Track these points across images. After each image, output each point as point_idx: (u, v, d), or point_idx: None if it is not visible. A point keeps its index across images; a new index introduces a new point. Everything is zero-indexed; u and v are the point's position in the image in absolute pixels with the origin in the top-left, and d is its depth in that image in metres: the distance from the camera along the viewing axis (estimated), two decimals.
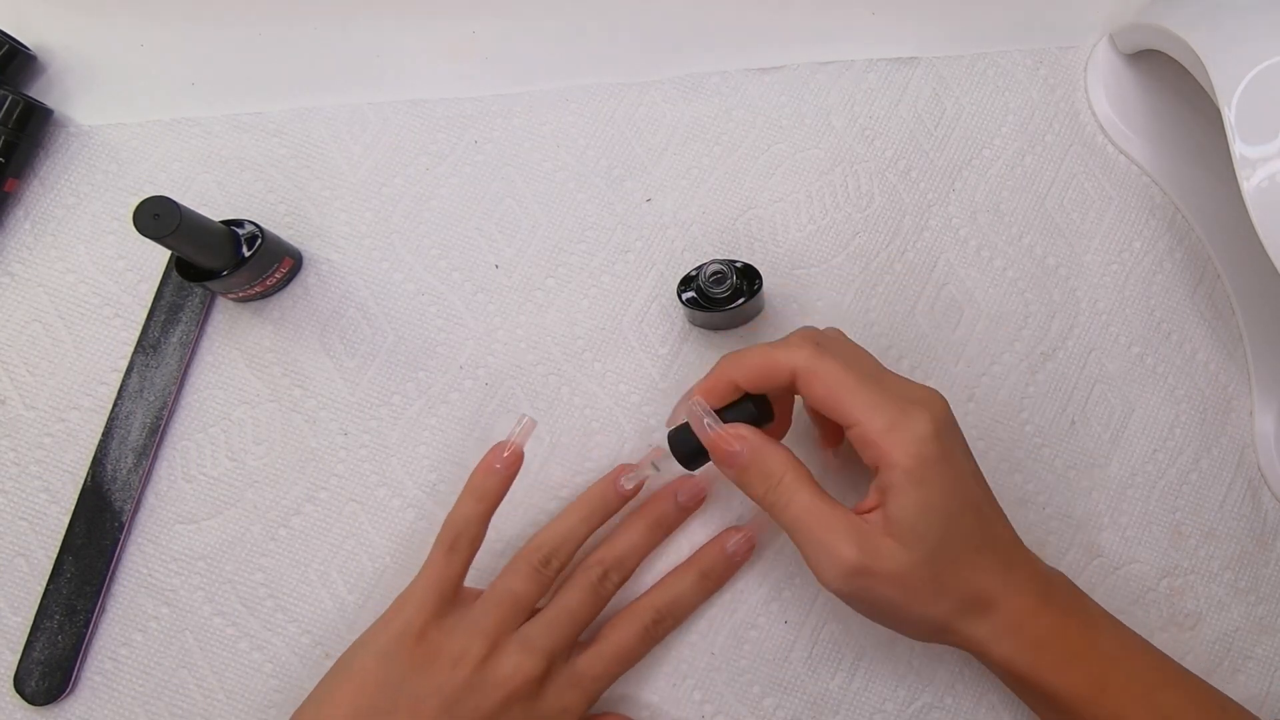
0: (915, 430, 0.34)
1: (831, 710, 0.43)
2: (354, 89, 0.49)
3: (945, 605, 0.35)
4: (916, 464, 0.34)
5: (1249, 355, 0.47)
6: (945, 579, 0.35)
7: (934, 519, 0.34)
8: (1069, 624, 0.36)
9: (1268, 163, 0.38)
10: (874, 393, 0.35)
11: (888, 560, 0.34)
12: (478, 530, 0.39)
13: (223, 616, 0.43)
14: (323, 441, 0.45)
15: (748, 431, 0.37)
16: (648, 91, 0.49)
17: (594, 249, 0.47)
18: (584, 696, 0.39)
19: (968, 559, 0.35)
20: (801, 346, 0.36)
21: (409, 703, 0.37)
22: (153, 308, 0.45)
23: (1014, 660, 0.36)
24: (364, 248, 0.47)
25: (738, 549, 0.43)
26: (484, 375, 0.46)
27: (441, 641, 0.38)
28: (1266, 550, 0.45)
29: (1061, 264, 0.48)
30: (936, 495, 0.34)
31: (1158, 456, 0.46)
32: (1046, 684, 0.36)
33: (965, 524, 0.35)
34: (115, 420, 0.44)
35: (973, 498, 0.36)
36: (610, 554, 0.41)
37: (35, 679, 0.42)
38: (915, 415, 0.34)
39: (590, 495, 0.42)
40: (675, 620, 0.42)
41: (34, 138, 0.46)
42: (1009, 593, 0.36)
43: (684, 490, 0.43)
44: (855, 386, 0.35)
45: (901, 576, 0.34)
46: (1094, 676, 0.36)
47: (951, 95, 0.49)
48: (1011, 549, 0.37)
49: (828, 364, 0.35)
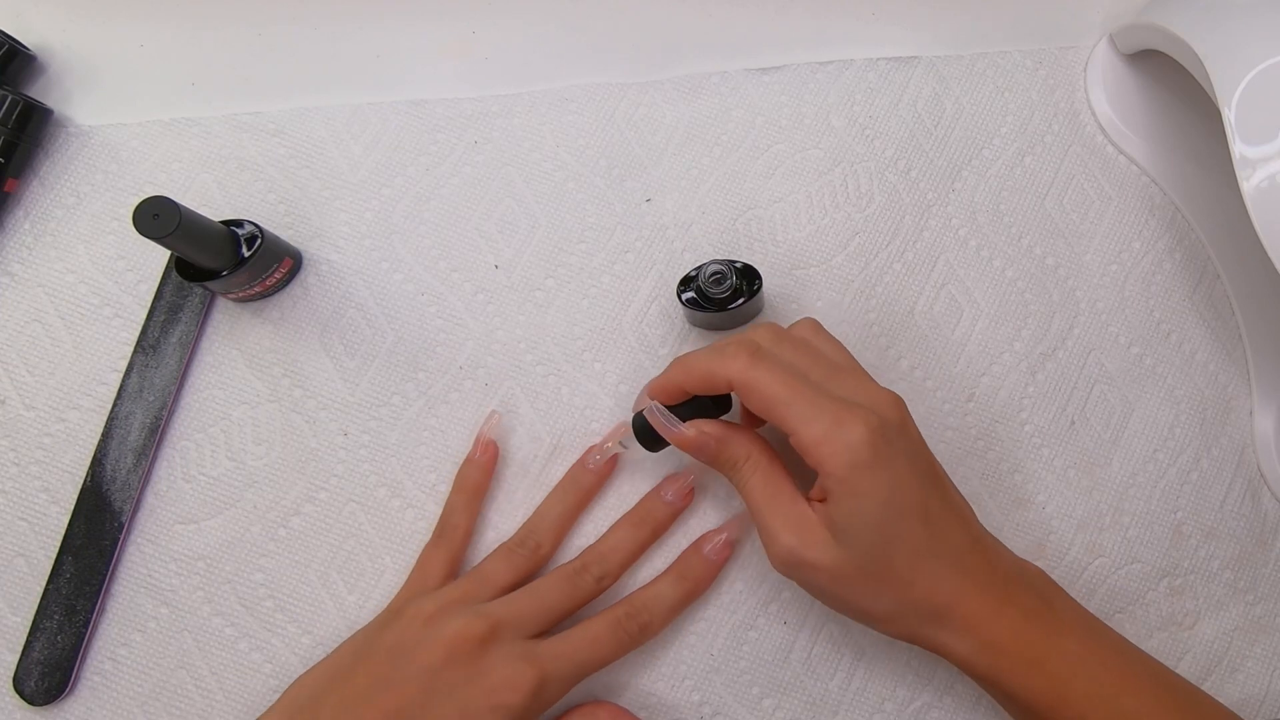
0: (847, 439, 0.34)
1: (831, 710, 0.43)
2: (354, 89, 0.49)
3: (886, 603, 0.36)
4: (848, 472, 0.35)
5: (1249, 355, 0.47)
6: (883, 579, 0.36)
7: (868, 525, 0.35)
8: (1030, 627, 0.36)
9: (1268, 163, 0.38)
10: (808, 403, 0.35)
11: (821, 553, 0.35)
12: (461, 519, 0.42)
13: (222, 617, 0.43)
14: (322, 442, 0.45)
15: (707, 425, 0.38)
16: (648, 91, 0.49)
17: (594, 249, 0.47)
18: (534, 671, 0.38)
19: (909, 563, 0.35)
20: (737, 357, 0.36)
21: (368, 657, 0.39)
22: (152, 308, 0.45)
23: (973, 663, 0.36)
24: (364, 248, 0.47)
25: (715, 551, 0.43)
26: (484, 375, 0.46)
27: (409, 610, 0.40)
28: (1266, 550, 0.46)
29: (1061, 264, 0.48)
30: (869, 503, 0.35)
31: (1158, 456, 0.46)
32: (1007, 687, 0.36)
33: (905, 530, 0.35)
34: (115, 420, 0.44)
35: (914, 504, 0.36)
36: (592, 550, 0.42)
37: (35, 679, 0.42)
38: (849, 423, 0.35)
39: (564, 478, 0.44)
40: (650, 618, 0.41)
41: (34, 138, 0.46)
42: (962, 596, 0.36)
43: (672, 489, 0.43)
44: (789, 398, 0.35)
45: (834, 570, 0.35)
46: (1056, 681, 0.35)
47: (951, 95, 0.49)
48: (966, 552, 0.37)
49: (761, 375, 0.36)
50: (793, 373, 0.36)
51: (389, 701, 0.37)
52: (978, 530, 0.38)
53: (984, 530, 0.38)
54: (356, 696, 0.38)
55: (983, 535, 0.38)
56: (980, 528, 0.38)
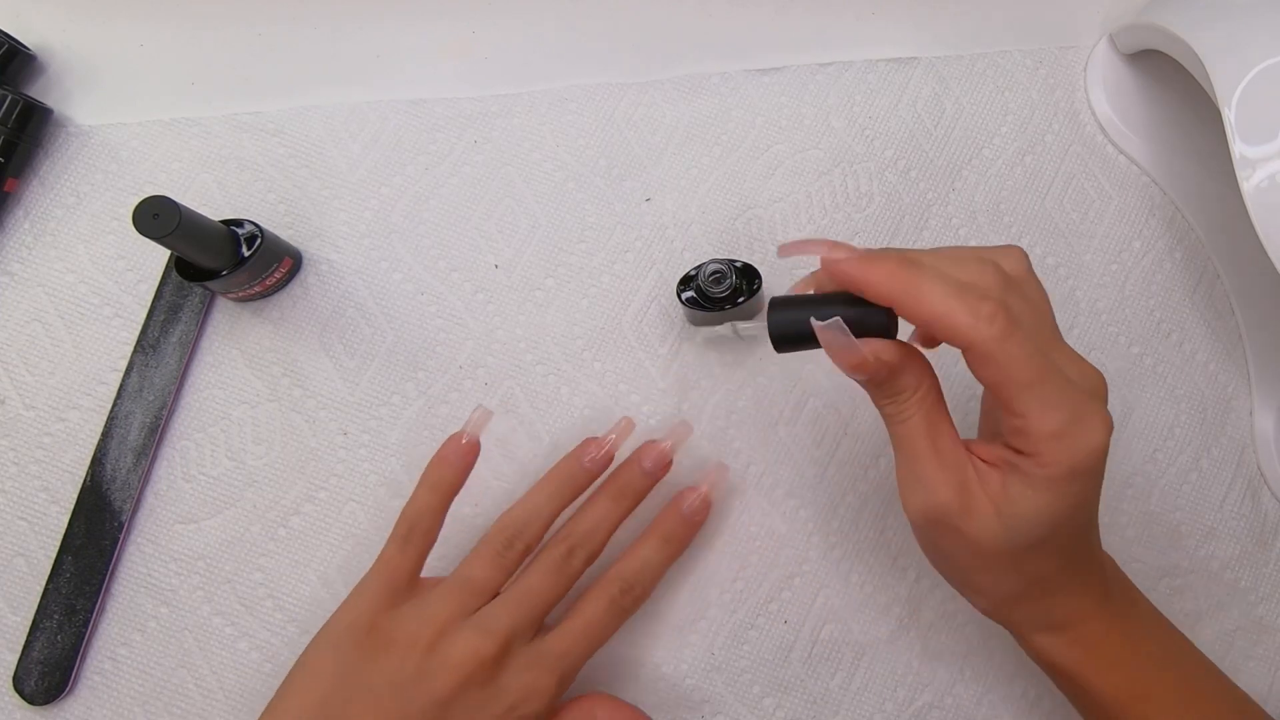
0: (1087, 443, 0.30)
1: (831, 710, 0.43)
2: (353, 88, 0.49)
3: (1008, 588, 0.34)
4: (1068, 474, 0.30)
5: (1248, 355, 0.47)
6: (1022, 569, 0.33)
7: (1048, 524, 0.31)
8: (1119, 628, 0.35)
9: (1268, 163, 0.38)
10: (1051, 388, 0.30)
11: (979, 526, 0.32)
12: (432, 522, 0.39)
13: (222, 616, 0.43)
14: (322, 441, 0.45)
15: (884, 350, 0.32)
16: (647, 91, 0.49)
17: (593, 249, 0.47)
18: (552, 676, 0.37)
19: (1052, 562, 0.33)
20: (993, 321, 0.29)
21: (364, 694, 0.36)
22: (152, 307, 0.45)
23: (1061, 659, 0.35)
24: (363, 248, 0.47)
25: (694, 509, 0.42)
26: (484, 375, 0.46)
27: (393, 631, 0.37)
28: (1266, 550, 0.45)
29: (1061, 264, 0.48)
30: (1064, 509, 0.31)
31: (1157, 456, 0.46)
32: (1088, 685, 0.35)
33: (1071, 537, 0.33)
34: (115, 420, 0.44)
35: (1092, 517, 0.34)
36: (575, 530, 0.40)
37: (34, 678, 0.42)
38: (1091, 424, 0.30)
39: (557, 471, 0.41)
40: (643, 588, 0.40)
41: (34, 137, 0.46)
42: (1073, 593, 0.35)
43: (648, 456, 0.41)
44: (1033, 380, 0.30)
45: (979, 547, 0.32)
46: (1136, 682, 0.35)
47: (951, 95, 0.49)
48: (1092, 556, 0.35)
49: (1013, 350, 0.29)
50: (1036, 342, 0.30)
51: None
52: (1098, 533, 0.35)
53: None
54: None
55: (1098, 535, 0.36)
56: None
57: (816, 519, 0.45)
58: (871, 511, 0.45)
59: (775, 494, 0.45)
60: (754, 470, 0.45)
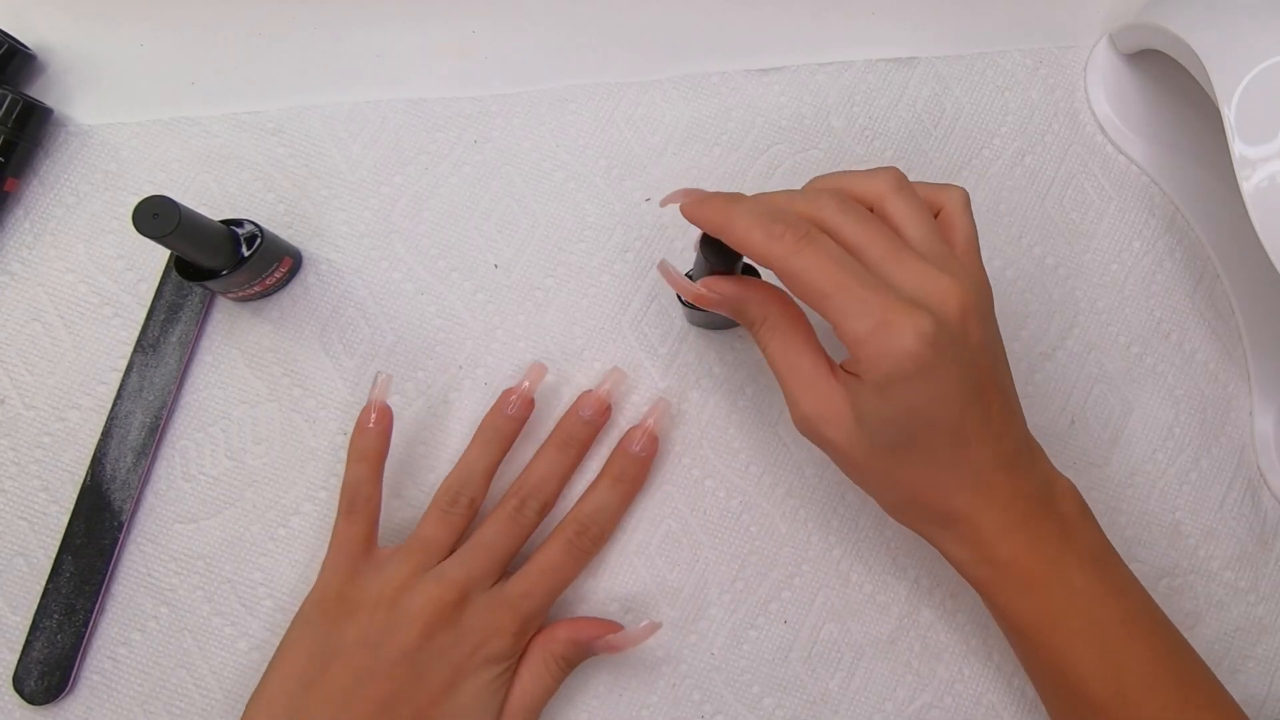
0: (891, 345, 0.31)
1: (831, 710, 0.43)
2: (353, 88, 0.49)
3: (893, 496, 0.36)
4: (887, 380, 0.31)
5: (1248, 355, 0.47)
6: (896, 476, 0.35)
7: (895, 428, 0.33)
8: (1035, 552, 0.35)
9: (1268, 163, 0.38)
10: (851, 296, 0.31)
11: (839, 432, 0.34)
12: (370, 490, 0.41)
13: (222, 616, 0.43)
14: (322, 441, 0.45)
15: (721, 284, 0.36)
16: (647, 91, 0.49)
17: (593, 249, 0.47)
18: (513, 614, 0.39)
19: (924, 472, 0.34)
20: (783, 239, 0.32)
21: (337, 656, 0.38)
22: (152, 307, 0.45)
23: (970, 572, 0.36)
24: (363, 247, 0.47)
25: (643, 446, 0.43)
26: (483, 375, 0.46)
27: (358, 596, 0.39)
28: (1266, 550, 0.45)
29: (1061, 264, 0.48)
30: (899, 410, 0.32)
31: (1157, 456, 0.46)
32: (998, 603, 0.36)
33: (928, 443, 0.33)
34: (114, 420, 0.44)
35: (947, 421, 0.33)
36: (526, 482, 0.42)
37: (34, 678, 0.42)
38: (897, 327, 0.31)
39: (483, 427, 0.43)
40: (600, 528, 0.42)
41: (34, 137, 0.46)
42: (972, 511, 0.34)
43: (587, 406, 0.43)
44: (830, 289, 0.31)
45: (849, 452, 0.34)
46: (1049, 609, 0.35)
47: (951, 95, 0.49)
48: (989, 471, 0.34)
49: (803, 263, 0.32)
50: (841, 258, 0.32)
51: (378, 691, 0.37)
52: (1012, 447, 0.35)
53: (1023, 444, 0.35)
54: (341, 695, 0.37)
55: (1018, 452, 0.35)
56: (1018, 441, 0.35)
57: (816, 519, 0.45)
58: (871, 511, 0.45)
59: (775, 494, 0.45)
60: (754, 470, 0.45)
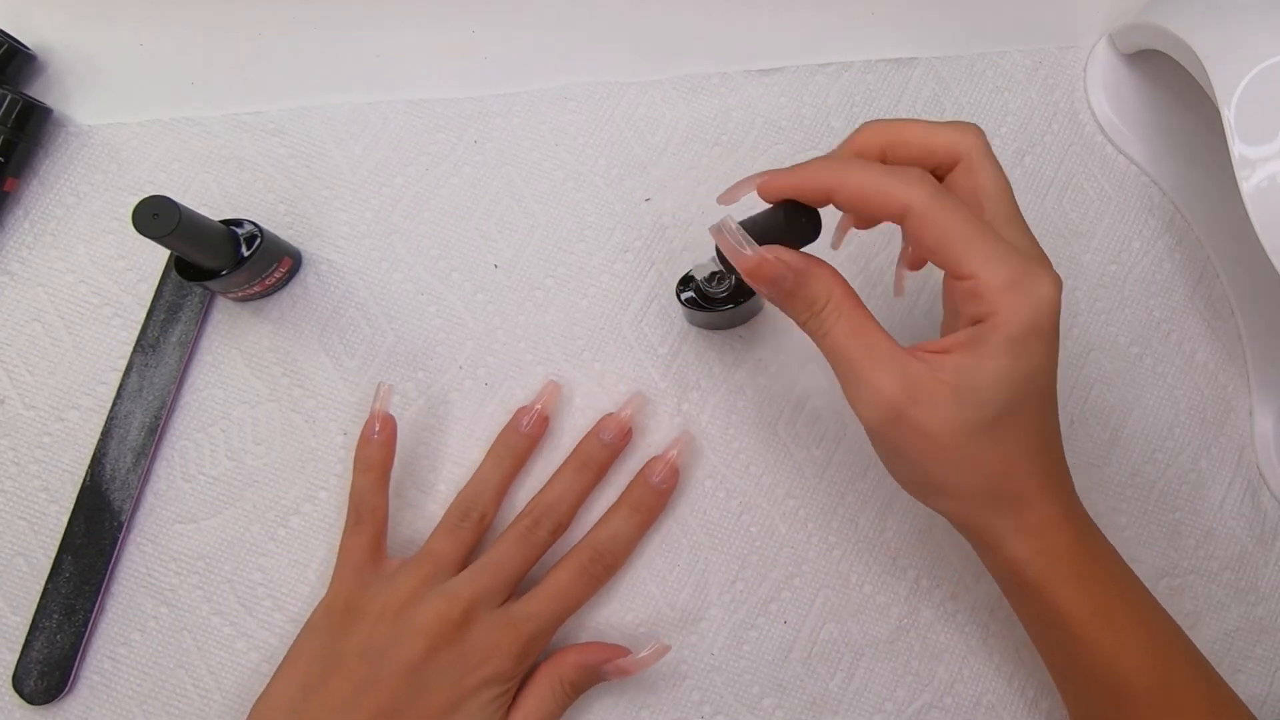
0: (1038, 293, 0.30)
1: (831, 710, 0.43)
2: (354, 88, 0.49)
3: (972, 483, 0.33)
4: (1026, 331, 0.30)
5: (1248, 355, 0.47)
6: (984, 457, 0.32)
7: (1008, 393, 0.31)
8: (1086, 545, 0.35)
9: (1267, 163, 0.38)
10: (995, 244, 0.30)
11: (931, 410, 0.31)
12: (376, 499, 0.41)
13: (221, 616, 0.43)
14: (322, 441, 0.45)
15: (786, 254, 0.33)
16: (647, 91, 0.49)
17: (593, 249, 0.47)
18: (517, 635, 0.39)
19: (1015, 449, 0.32)
20: (921, 184, 0.31)
21: (339, 664, 0.38)
22: (152, 307, 0.45)
23: (1026, 566, 0.34)
24: (363, 247, 0.47)
25: (663, 477, 0.43)
26: (484, 375, 0.46)
27: (364, 605, 0.39)
28: (1266, 550, 0.45)
29: (1060, 264, 0.47)
30: (1025, 371, 0.31)
31: (1157, 456, 0.46)
32: (1051, 596, 0.34)
33: (1033, 410, 0.32)
34: (114, 420, 0.44)
35: (1052, 388, 0.32)
36: (541, 502, 0.42)
37: (34, 678, 0.42)
38: (1041, 279, 0.30)
39: (497, 443, 0.43)
40: (613, 557, 0.42)
41: (34, 137, 0.46)
42: (1043, 495, 0.33)
43: (607, 428, 0.43)
44: (974, 236, 0.30)
45: (942, 435, 0.31)
46: (1099, 600, 0.34)
47: (951, 96, 0.49)
48: (1057, 454, 0.34)
49: (945, 210, 0.30)
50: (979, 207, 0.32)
51: (377, 702, 0.37)
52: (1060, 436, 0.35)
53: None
54: (341, 704, 0.37)
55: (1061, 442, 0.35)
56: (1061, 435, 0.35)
57: (816, 519, 0.45)
58: (871, 511, 0.45)
59: (775, 494, 0.45)
60: (754, 470, 0.45)
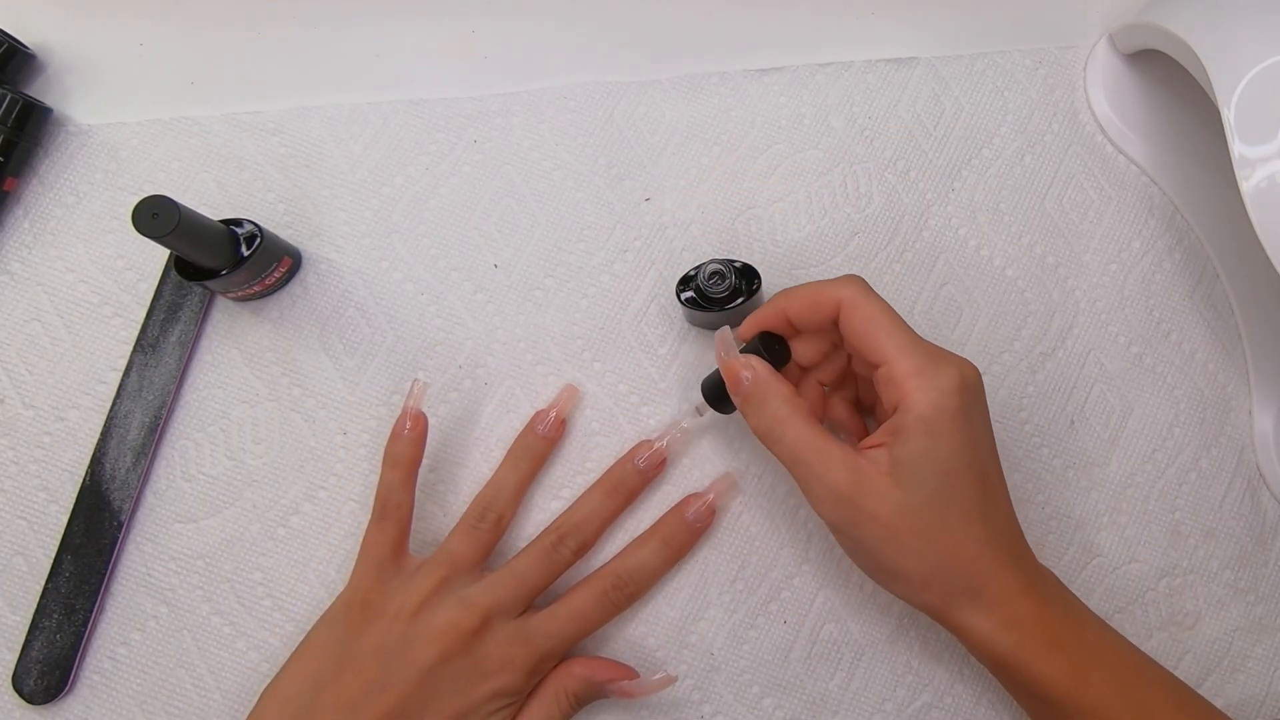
0: (940, 381, 0.35)
1: (831, 710, 0.43)
2: (353, 88, 0.49)
3: (927, 565, 0.35)
4: (933, 413, 0.35)
5: (1248, 355, 0.47)
6: (933, 534, 0.35)
7: (935, 471, 0.35)
8: (1053, 612, 0.36)
9: (1267, 163, 0.38)
10: (909, 338, 0.36)
11: (878, 498, 0.35)
12: (402, 496, 0.41)
13: (221, 616, 0.43)
14: (322, 441, 0.45)
15: (758, 364, 0.38)
16: (647, 91, 0.49)
17: (593, 248, 0.47)
18: (530, 650, 0.39)
19: (959, 523, 0.35)
20: (850, 283, 0.37)
21: (352, 662, 0.38)
22: (152, 307, 0.45)
23: (995, 642, 0.36)
24: (363, 247, 0.47)
25: (699, 516, 0.43)
26: (483, 375, 0.46)
27: (383, 603, 0.39)
28: (1266, 550, 0.45)
29: (1061, 263, 0.48)
30: (944, 449, 0.35)
31: (1157, 456, 0.46)
32: (1028, 670, 0.36)
33: (965, 487, 0.35)
34: (114, 419, 0.44)
35: (979, 465, 0.36)
36: (567, 520, 0.42)
37: (34, 678, 0.42)
38: (944, 368, 0.35)
39: (515, 446, 0.44)
40: (636, 587, 0.42)
41: (33, 137, 0.46)
42: (998, 570, 0.36)
43: (644, 455, 0.43)
44: (892, 328, 0.36)
45: (889, 518, 0.35)
46: (1076, 666, 0.35)
47: (951, 95, 0.49)
48: (1005, 529, 0.37)
49: (872, 301, 0.37)
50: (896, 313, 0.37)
51: (386, 703, 0.37)
52: (1010, 509, 0.38)
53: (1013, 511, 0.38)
54: (350, 702, 0.37)
55: (1014, 515, 0.38)
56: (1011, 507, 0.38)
57: (816, 519, 0.45)
58: None
59: (775, 494, 0.45)
60: (754, 470, 0.45)
